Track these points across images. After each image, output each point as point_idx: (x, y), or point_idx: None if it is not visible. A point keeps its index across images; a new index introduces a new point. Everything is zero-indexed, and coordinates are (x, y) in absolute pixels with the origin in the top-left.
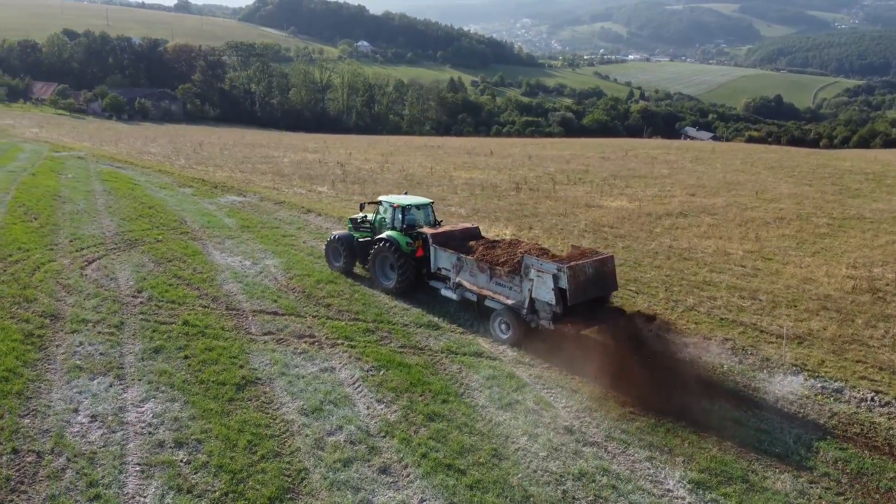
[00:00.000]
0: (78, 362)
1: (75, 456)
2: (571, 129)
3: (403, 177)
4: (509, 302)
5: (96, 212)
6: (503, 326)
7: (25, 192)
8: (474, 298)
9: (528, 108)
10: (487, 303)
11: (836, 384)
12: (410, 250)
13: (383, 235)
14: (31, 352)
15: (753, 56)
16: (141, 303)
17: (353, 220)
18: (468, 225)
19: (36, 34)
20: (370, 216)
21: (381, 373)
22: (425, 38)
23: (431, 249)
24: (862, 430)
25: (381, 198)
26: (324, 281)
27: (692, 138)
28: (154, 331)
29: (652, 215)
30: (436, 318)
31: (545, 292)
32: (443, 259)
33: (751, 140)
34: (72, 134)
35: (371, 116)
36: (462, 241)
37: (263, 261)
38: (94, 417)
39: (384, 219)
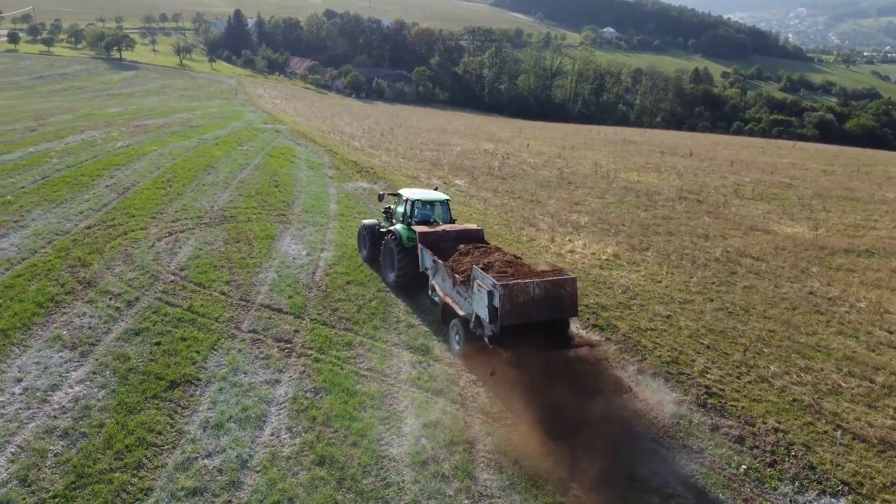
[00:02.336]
0: (63, 333)
1: None
2: (829, 133)
3: (559, 174)
4: (461, 313)
5: (225, 185)
6: (457, 337)
7: (189, 160)
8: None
9: (781, 105)
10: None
11: None
12: (411, 245)
13: (391, 228)
14: (37, 316)
15: None
16: (172, 281)
17: (385, 211)
18: (472, 226)
19: (301, 13)
20: (393, 207)
21: (319, 396)
22: (678, 24)
23: (419, 248)
24: None
25: (401, 191)
26: (355, 282)
27: None
28: (155, 312)
29: (825, 249)
30: (433, 342)
31: (482, 308)
32: (427, 259)
33: None
34: (304, 108)
35: (598, 105)
36: (456, 242)
37: (321, 252)
38: (25, 390)
39: (404, 211)
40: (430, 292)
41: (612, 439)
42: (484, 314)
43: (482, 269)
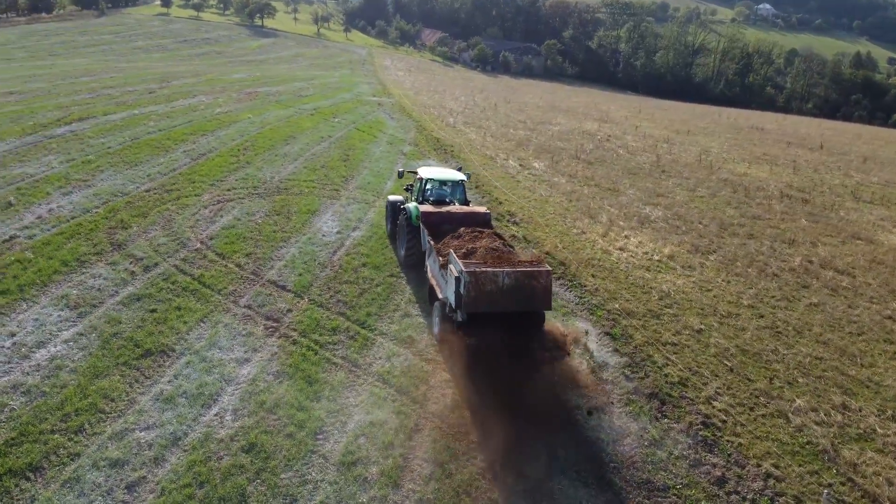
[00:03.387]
0: (72, 293)
1: None
2: None
3: (656, 161)
4: (440, 296)
5: (296, 157)
6: (437, 318)
7: (275, 130)
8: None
9: None
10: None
11: None
12: (420, 224)
13: (405, 205)
14: (58, 274)
15: None
16: (196, 249)
17: (407, 188)
18: (480, 209)
19: None
20: (413, 184)
21: (278, 381)
22: (843, 3)
23: (421, 227)
24: None
25: (418, 168)
26: (370, 264)
27: None
28: (165, 279)
29: None
30: (422, 335)
31: (451, 293)
32: (425, 239)
33: None
34: (423, 81)
35: (742, 87)
36: (459, 225)
37: (353, 231)
38: (14, 345)
39: (419, 189)
40: (425, 272)
41: (566, 463)
42: (451, 299)
43: (464, 254)
